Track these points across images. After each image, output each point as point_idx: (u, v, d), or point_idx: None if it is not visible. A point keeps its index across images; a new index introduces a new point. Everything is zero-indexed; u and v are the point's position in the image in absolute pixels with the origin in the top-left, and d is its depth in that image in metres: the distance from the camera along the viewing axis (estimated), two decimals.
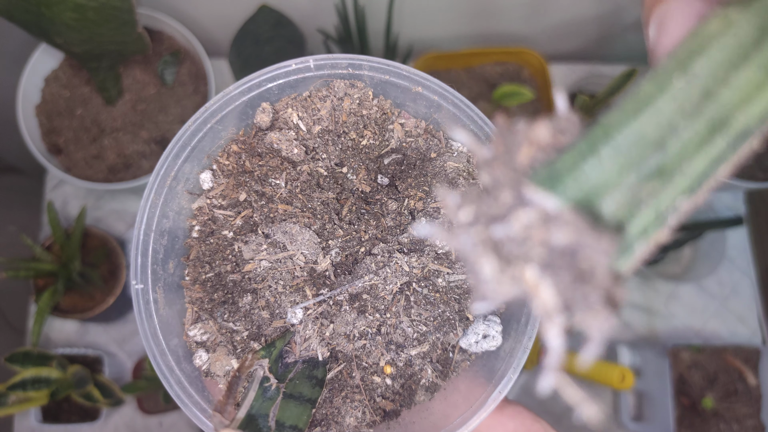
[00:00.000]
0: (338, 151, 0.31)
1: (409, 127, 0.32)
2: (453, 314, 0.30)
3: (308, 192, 0.29)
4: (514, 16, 0.85)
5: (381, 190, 0.31)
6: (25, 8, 0.58)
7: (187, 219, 0.31)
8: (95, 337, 0.81)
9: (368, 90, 0.31)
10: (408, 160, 0.31)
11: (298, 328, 0.29)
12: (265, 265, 0.29)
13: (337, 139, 0.31)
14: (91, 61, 0.67)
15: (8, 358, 0.68)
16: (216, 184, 0.31)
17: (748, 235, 0.87)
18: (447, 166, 0.30)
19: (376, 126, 0.31)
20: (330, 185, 0.30)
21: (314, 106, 0.31)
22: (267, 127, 0.31)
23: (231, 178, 0.30)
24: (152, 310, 0.30)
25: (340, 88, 0.31)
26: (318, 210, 0.29)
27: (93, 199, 0.86)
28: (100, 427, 0.78)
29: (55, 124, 0.74)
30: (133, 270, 0.30)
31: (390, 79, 0.30)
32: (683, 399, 0.75)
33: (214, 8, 0.81)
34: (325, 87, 0.31)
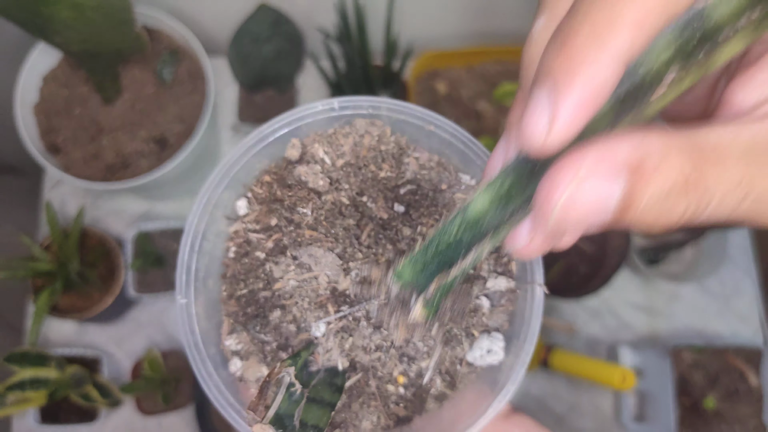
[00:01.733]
0: (359, 182, 0.35)
1: (423, 160, 0.36)
2: (460, 331, 0.33)
3: (332, 219, 0.34)
4: (514, 14, 0.85)
5: (397, 217, 0.35)
6: (22, 6, 0.58)
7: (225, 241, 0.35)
8: (94, 338, 0.81)
9: (386, 128, 0.35)
10: (421, 190, 0.35)
11: (321, 341, 0.32)
12: (292, 283, 0.33)
13: (358, 171, 0.35)
14: (89, 60, 0.67)
15: (6, 358, 0.67)
16: (250, 211, 0.35)
17: (750, 235, 0.87)
18: (456, 198, 0.35)
19: (393, 159, 0.36)
20: (351, 213, 0.34)
21: (338, 141, 0.36)
22: (296, 160, 0.35)
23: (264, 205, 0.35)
24: (194, 323, 0.34)
25: (362, 126, 0.35)
26: (340, 235, 0.33)
27: (91, 198, 0.86)
28: (99, 428, 0.78)
29: (53, 124, 0.74)
30: (178, 287, 0.34)
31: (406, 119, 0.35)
32: (685, 399, 0.74)
33: (213, 7, 0.81)
34: (348, 125, 0.35)
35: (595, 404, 0.80)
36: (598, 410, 0.79)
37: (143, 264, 0.73)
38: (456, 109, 0.85)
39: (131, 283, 0.75)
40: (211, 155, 0.84)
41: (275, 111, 0.83)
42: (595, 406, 0.80)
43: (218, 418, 0.73)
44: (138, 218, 0.85)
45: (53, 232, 0.70)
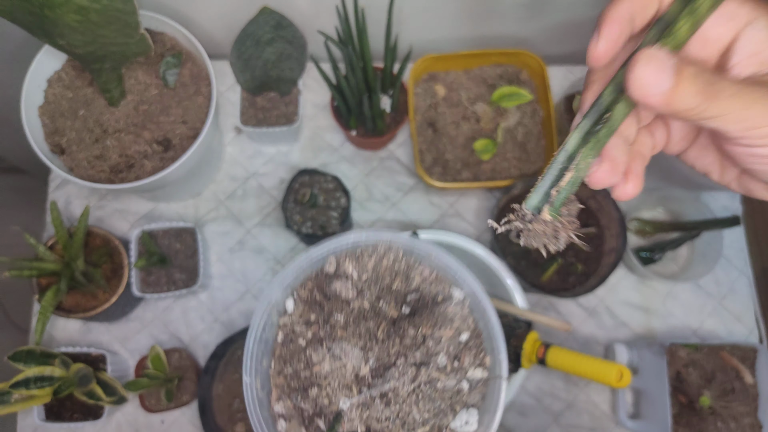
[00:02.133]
0: (377, 291, 0.47)
1: (426, 275, 0.48)
2: (446, 406, 0.45)
3: (357, 322, 0.45)
4: (512, 18, 0.85)
5: (404, 318, 0.46)
6: (27, 10, 0.59)
7: (276, 329, 0.46)
8: (98, 336, 0.82)
9: (400, 251, 0.48)
10: (423, 299, 0.47)
11: (346, 412, 0.43)
12: (326, 368, 0.44)
13: (377, 283, 0.47)
14: (93, 63, 0.67)
15: (11, 356, 0.68)
16: (296, 308, 0.46)
17: (745, 234, 0.88)
18: (448, 310, 0.46)
19: (403, 275, 0.48)
20: (371, 316, 0.45)
21: (364, 261, 0.47)
22: (332, 273, 0.47)
23: (306, 305, 0.46)
24: (255, 394, 0.44)
25: (382, 249, 0.48)
26: (362, 334, 0.45)
27: (96, 198, 0.87)
28: (103, 425, 0.79)
29: (58, 125, 0.75)
30: (244, 368, 0.44)
31: (414, 247, 0.47)
32: (680, 397, 0.75)
33: (216, 11, 0.82)
34: (371, 248, 0.48)
35: (591, 402, 0.81)
36: (595, 407, 0.80)
37: (147, 263, 0.74)
38: (454, 112, 0.86)
39: (135, 283, 0.76)
40: (214, 157, 0.86)
41: (277, 113, 0.84)
42: (591, 404, 0.81)
43: (221, 415, 0.74)
44: (142, 218, 0.86)
45: (58, 232, 0.71)
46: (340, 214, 0.79)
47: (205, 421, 0.72)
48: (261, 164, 0.89)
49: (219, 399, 0.75)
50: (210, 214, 0.87)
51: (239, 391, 0.75)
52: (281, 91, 0.84)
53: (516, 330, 0.69)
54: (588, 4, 0.83)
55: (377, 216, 0.87)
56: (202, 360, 0.81)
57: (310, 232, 0.77)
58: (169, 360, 0.78)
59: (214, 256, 0.85)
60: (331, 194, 0.79)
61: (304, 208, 0.78)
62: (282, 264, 0.85)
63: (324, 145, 0.90)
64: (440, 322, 0.45)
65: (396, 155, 0.90)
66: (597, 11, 0.84)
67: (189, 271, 0.79)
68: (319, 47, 0.91)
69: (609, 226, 0.78)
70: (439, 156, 0.84)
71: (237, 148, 0.90)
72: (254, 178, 0.89)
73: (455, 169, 0.83)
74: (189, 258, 0.79)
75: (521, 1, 0.81)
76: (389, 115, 0.84)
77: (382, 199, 0.88)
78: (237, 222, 0.87)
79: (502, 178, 0.83)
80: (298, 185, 0.79)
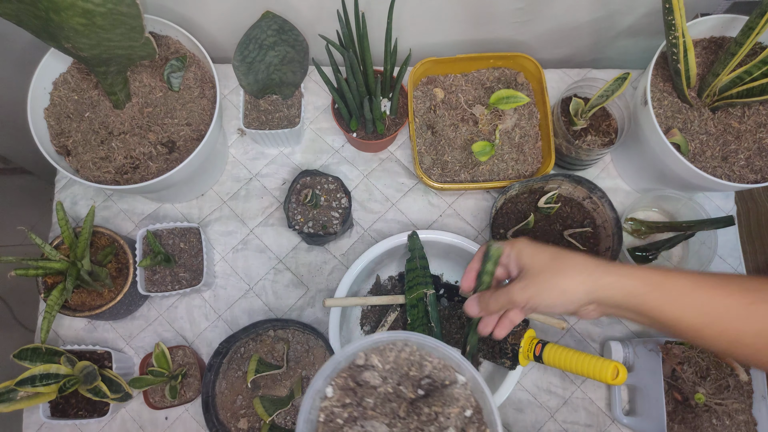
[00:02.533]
0: (398, 377, 0.57)
1: (435, 364, 0.57)
2: None
3: (383, 403, 0.55)
4: (509, 22, 0.87)
5: (420, 399, 0.56)
6: (34, 14, 0.60)
7: (318, 411, 0.55)
8: (103, 334, 0.83)
9: (414, 346, 0.58)
10: (434, 383, 0.57)
11: None
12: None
13: (397, 371, 0.57)
14: (99, 66, 0.68)
15: (17, 354, 0.69)
16: (333, 394, 0.55)
17: (739, 234, 0.90)
18: (454, 391, 0.55)
19: (417, 364, 0.58)
20: (393, 398, 0.55)
21: (387, 354, 0.58)
22: (362, 365, 0.57)
23: (342, 392, 0.56)
24: None
25: (400, 344, 0.58)
26: (388, 413, 0.54)
27: (101, 199, 0.88)
28: (108, 422, 0.80)
29: (63, 127, 0.76)
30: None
31: (424, 343, 0.57)
32: (675, 394, 0.76)
33: (219, 15, 0.83)
34: (392, 343, 0.58)
35: (587, 398, 0.82)
36: (590, 404, 0.82)
37: (152, 263, 0.76)
38: (453, 114, 0.88)
39: (140, 281, 0.77)
40: (218, 158, 0.87)
41: (279, 116, 0.85)
42: (587, 400, 0.82)
43: (224, 411, 0.75)
44: (147, 218, 0.88)
45: (64, 231, 0.72)
46: (342, 214, 0.80)
47: (208, 418, 0.73)
48: (263, 165, 0.90)
49: (222, 396, 0.76)
50: (214, 214, 0.88)
51: (242, 387, 0.76)
52: (284, 94, 0.85)
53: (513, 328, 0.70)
54: (583, 9, 0.85)
55: (377, 216, 0.89)
56: (206, 357, 0.82)
57: (312, 231, 0.79)
58: (174, 357, 0.79)
59: (217, 255, 0.87)
60: (333, 195, 0.81)
61: (305, 208, 0.80)
62: (284, 263, 0.87)
63: (325, 147, 0.92)
64: (448, 402, 0.54)
65: (396, 157, 0.92)
66: (592, 16, 0.86)
67: (193, 270, 0.80)
68: (320, 51, 0.92)
69: (604, 226, 0.80)
70: (437, 157, 0.85)
71: (240, 150, 0.91)
72: (257, 179, 0.90)
73: (454, 171, 0.85)
74: (193, 257, 0.80)
75: (518, 5, 0.83)
76: (389, 118, 0.86)
77: (382, 200, 0.90)
78: (240, 222, 0.88)
79: (500, 180, 0.84)
80: (299, 186, 0.81)
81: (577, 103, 0.82)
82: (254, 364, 0.72)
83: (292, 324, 0.77)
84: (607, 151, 0.81)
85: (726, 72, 0.74)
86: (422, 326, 0.74)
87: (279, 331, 0.79)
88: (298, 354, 0.77)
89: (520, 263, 0.55)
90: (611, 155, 0.92)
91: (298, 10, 0.81)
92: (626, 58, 0.99)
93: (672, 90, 0.79)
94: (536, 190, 0.83)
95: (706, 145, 0.77)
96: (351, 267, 0.76)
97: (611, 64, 1.00)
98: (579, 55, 0.98)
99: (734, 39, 0.71)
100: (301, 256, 0.87)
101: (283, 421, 0.75)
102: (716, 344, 0.45)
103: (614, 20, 0.88)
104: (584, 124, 0.82)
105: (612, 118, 0.85)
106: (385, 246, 0.77)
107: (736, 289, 0.44)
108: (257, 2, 0.79)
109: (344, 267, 0.87)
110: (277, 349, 0.78)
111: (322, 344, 0.77)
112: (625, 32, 0.91)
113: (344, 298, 0.74)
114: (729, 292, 0.44)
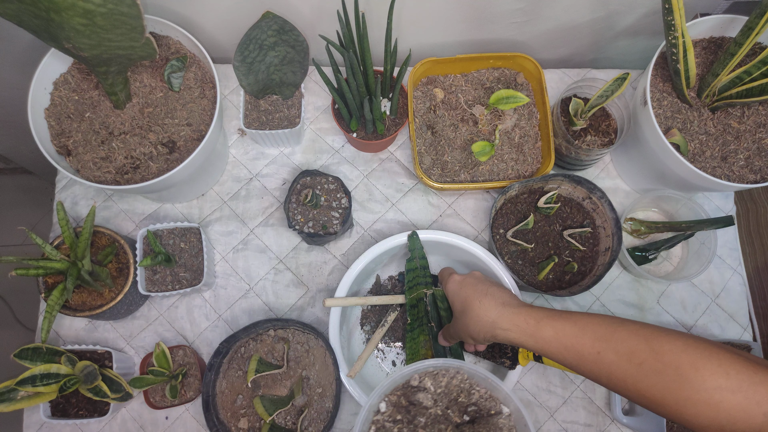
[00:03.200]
0: (447, 402, 0.61)
1: (482, 393, 0.62)
2: None
3: (433, 423, 0.59)
4: (509, 23, 0.87)
5: (465, 424, 0.60)
6: (34, 14, 0.60)
7: (370, 424, 0.59)
8: (104, 334, 0.83)
9: (465, 374, 0.62)
10: (480, 411, 0.61)
11: None
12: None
13: (447, 396, 0.62)
14: (99, 66, 0.68)
15: (17, 354, 0.69)
16: (387, 409, 0.60)
17: (738, 234, 0.90)
18: (499, 421, 0.59)
19: (466, 392, 0.62)
20: (442, 419, 0.60)
21: (440, 378, 0.62)
22: (416, 386, 0.61)
23: (394, 408, 0.60)
24: None
25: (452, 371, 0.62)
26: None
27: (102, 199, 0.88)
28: (108, 421, 0.80)
29: (64, 127, 0.76)
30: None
31: (476, 373, 0.61)
32: None
33: (220, 15, 0.83)
34: (445, 369, 0.62)
35: (587, 398, 0.82)
36: (590, 404, 0.82)
37: (152, 262, 0.76)
38: (453, 114, 0.88)
39: (141, 281, 0.77)
40: (218, 158, 0.87)
41: (280, 116, 0.86)
42: (587, 400, 0.82)
43: (224, 411, 0.75)
44: (147, 218, 0.88)
45: (64, 231, 0.72)
46: (342, 214, 0.80)
47: (208, 417, 0.73)
48: (264, 165, 0.91)
49: (223, 395, 0.76)
50: (214, 214, 0.89)
51: (242, 387, 0.76)
52: (284, 95, 0.85)
53: None
54: (582, 9, 0.85)
55: (377, 216, 0.89)
56: (207, 357, 0.82)
57: (312, 231, 0.79)
58: (174, 357, 0.79)
59: (218, 255, 0.87)
60: (333, 195, 0.81)
61: (306, 208, 0.80)
62: (284, 263, 0.87)
63: (325, 147, 0.92)
64: (492, 430, 0.59)
65: (396, 157, 0.92)
66: (592, 16, 0.86)
67: (193, 270, 0.80)
68: (320, 51, 0.93)
69: (604, 226, 0.80)
70: (437, 158, 0.86)
71: (240, 150, 0.91)
72: (257, 179, 0.90)
73: (453, 171, 0.85)
74: (193, 257, 0.81)
75: (518, 6, 0.83)
76: (389, 118, 0.86)
77: (382, 200, 0.90)
78: (240, 222, 0.88)
79: (500, 180, 0.85)
80: (300, 186, 0.81)
81: (576, 103, 0.82)
82: (254, 364, 0.72)
83: (293, 324, 0.77)
84: (606, 152, 0.81)
85: (725, 72, 0.74)
86: (422, 326, 0.75)
87: (279, 330, 0.79)
88: (298, 354, 0.78)
89: (450, 303, 0.69)
90: (611, 155, 0.92)
91: (299, 10, 0.81)
92: (626, 58, 0.99)
93: (671, 90, 0.79)
94: (536, 191, 0.83)
95: (705, 146, 0.77)
96: (351, 267, 0.76)
97: (611, 64, 1.00)
98: (579, 55, 0.98)
99: (734, 39, 0.71)
100: (301, 256, 0.87)
101: (283, 420, 0.75)
102: (589, 377, 0.54)
103: (614, 20, 0.88)
104: (584, 124, 0.82)
105: (612, 119, 0.85)
106: (385, 246, 0.77)
107: (588, 340, 0.52)
108: (257, 2, 0.79)
109: (344, 267, 0.87)
110: (278, 349, 0.78)
111: (322, 344, 0.77)
112: (624, 32, 0.91)
113: (344, 298, 0.74)
114: (582, 342, 0.53)
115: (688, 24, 0.77)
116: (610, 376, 0.51)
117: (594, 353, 0.52)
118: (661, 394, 0.47)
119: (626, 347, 0.50)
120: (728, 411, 0.43)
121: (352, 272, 0.76)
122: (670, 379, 0.46)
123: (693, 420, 0.45)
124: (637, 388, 0.49)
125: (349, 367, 0.73)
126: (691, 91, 0.79)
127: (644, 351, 0.48)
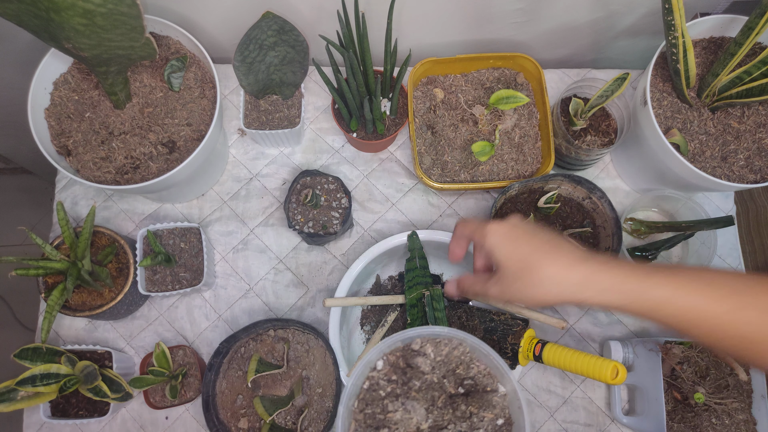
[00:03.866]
0: (444, 371, 0.61)
1: (481, 369, 0.61)
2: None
3: (427, 389, 0.59)
4: (509, 22, 0.87)
5: (459, 396, 0.60)
6: (34, 14, 0.60)
7: (365, 379, 0.60)
8: (104, 334, 0.83)
9: (467, 347, 0.62)
10: (476, 386, 0.60)
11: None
12: (398, 416, 0.58)
13: (446, 365, 0.61)
14: (99, 66, 0.69)
15: (17, 354, 0.70)
16: (383, 368, 0.61)
17: (738, 234, 0.90)
18: (493, 399, 0.59)
19: (465, 364, 0.62)
20: (436, 387, 0.60)
21: (440, 347, 0.61)
22: (416, 350, 0.61)
23: (390, 367, 0.61)
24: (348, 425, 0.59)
25: (455, 342, 0.62)
26: (428, 398, 0.59)
27: (102, 199, 0.89)
28: (108, 421, 0.80)
29: (64, 127, 0.76)
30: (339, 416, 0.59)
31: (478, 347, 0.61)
32: (675, 393, 0.77)
33: (220, 15, 0.83)
34: (448, 339, 0.62)
35: (587, 398, 0.82)
36: (590, 404, 0.82)
37: (152, 262, 0.76)
38: (453, 114, 0.88)
39: (141, 281, 0.77)
40: (218, 158, 0.87)
41: (280, 116, 0.86)
42: (587, 400, 0.82)
43: (225, 411, 0.75)
44: (147, 218, 0.88)
45: (64, 231, 0.72)
46: (342, 214, 0.80)
47: (208, 417, 0.73)
48: (264, 165, 0.91)
49: (223, 395, 0.76)
50: (214, 214, 0.89)
51: (242, 387, 0.76)
52: (284, 95, 0.85)
53: (513, 328, 0.70)
54: (582, 9, 0.85)
55: (377, 216, 0.89)
56: (207, 357, 0.82)
57: (312, 231, 0.79)
58: (174, 357, 0.79)
59: (218, 255, 0.87)
60: (333, 195, 0.81)
61: (306, 208, 0.80)
62: (284, 263, 0.87)
63: (325, 147, 0.92)
64: (485, 406, 0.59)
65: (396, 157, 0.92)
66: (592, 16, 0.86)
67: (193, 270, 0.80)
68: (320, 51, 0.92)
69: (604, 225, 0.80)
70: (437, 158, 0.86)
71: (240, 150, 0.91)
72: (257, 179, 0.90)
73: (453, 171, 0.85)
74: (193, 257, 0.81)
75: (518, 6, 0.83)
76: (389, 118, 0.86)
77: (382, 200, 0.90)
78: (240, 222, 0.88)
79: (500, 180, 0.85)
80: (300, 186, 0.81)
81: (576, 103, 0.82)
82: (254, 364, 0.72)
83: (293, 324, 0.77)
84: (606, 151, 0.81)
85: (725, 72, 0.74)
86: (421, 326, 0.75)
87: (279, 330, 0.79)
88: (298, 354, 0.78)
89: (494, 260, 0.54)
90: (611, 155, 0.92)
91: (299, 10, 0.81)
92: (626, 58, 0.99)
93: (671, 90, 0.79)
94: (536, 190, 0.83)
95: (705, 145, 0.77)
96: (351, 267, 0.76)
97: (611, 64, 1.00)
98: (579, 56, 0.98)
99: (734, 39, 0.71)
100: (301, 256, 0.87)
101: (283, 420, 0.75)
102: (704, 342, 0.47)
103: (614, 20, 0.88)
104: (584, 124, 0.82)
105: (611, 119, 0.85)
106: (385, 246, 0.77)
107: (718, 296, 0.44)
108: (257, 2, 0.79)
109: (344, 267, 0.87)
110: (278, 349, 0.78)
111: (322, 344, 0.77)
112: (624, 32, 0.91)
113: (344, 298, 0.74)
114: (710, 300, 0.44)
115: (688, 24, 0.77)
116: (753, 339, 0.43)
117: (724, 312, 0.43)
118: None
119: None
120: None
121: (352, 272, 0.76)
122: None
123: None
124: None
125: (349, 367, 0.73)
126: (691, 91, 0.79)
127: None
